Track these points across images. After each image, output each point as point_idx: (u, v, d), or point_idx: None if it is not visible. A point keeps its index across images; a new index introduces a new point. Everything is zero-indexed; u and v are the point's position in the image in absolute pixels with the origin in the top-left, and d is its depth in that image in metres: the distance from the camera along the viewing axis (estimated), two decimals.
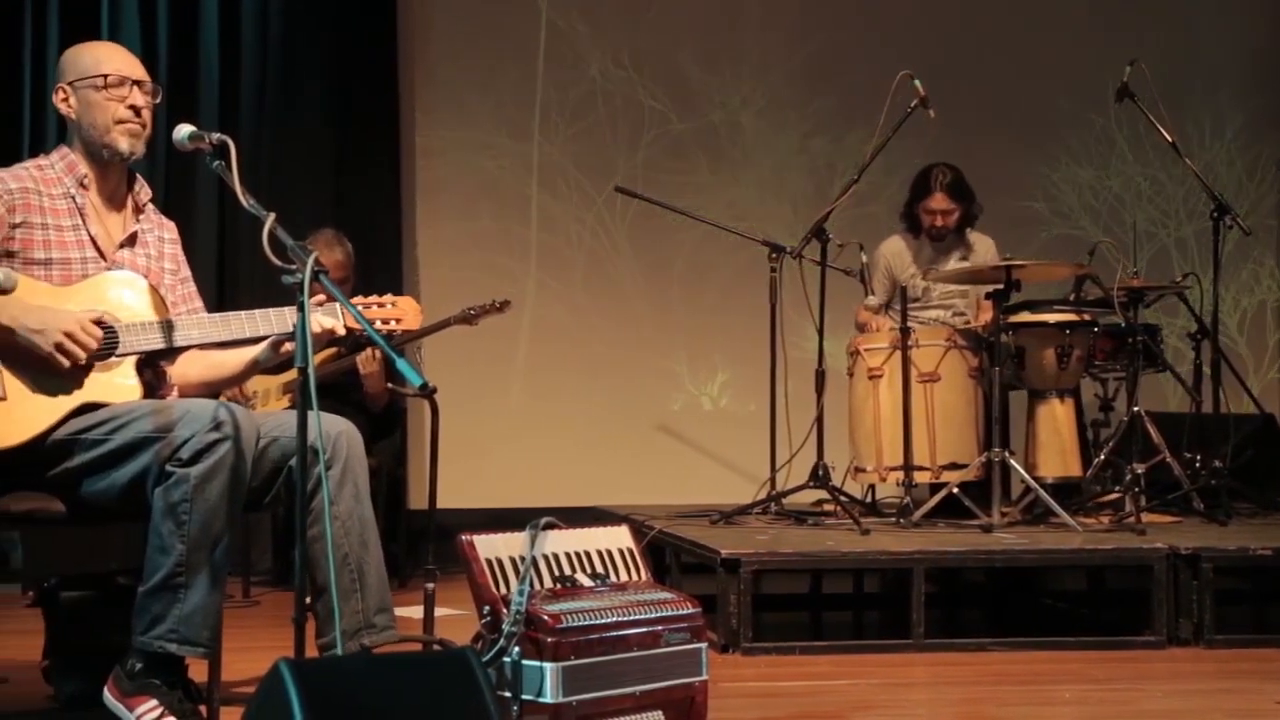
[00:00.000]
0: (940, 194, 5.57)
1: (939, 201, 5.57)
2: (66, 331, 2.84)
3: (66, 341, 2.83)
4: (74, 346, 2.84)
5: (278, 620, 4.68)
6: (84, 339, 2.85)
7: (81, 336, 2.85)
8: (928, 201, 5.59)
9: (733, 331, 6.89)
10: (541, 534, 2.79)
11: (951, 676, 3.76)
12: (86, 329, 2.86)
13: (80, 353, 2.85)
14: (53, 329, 2.83)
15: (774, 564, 4.21)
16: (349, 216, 6.40)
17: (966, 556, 4.32)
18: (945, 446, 5.17)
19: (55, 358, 2.83)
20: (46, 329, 2.83)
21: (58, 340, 2.83)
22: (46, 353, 2.83)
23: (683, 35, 7.00)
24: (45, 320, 2.84)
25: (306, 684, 2.06)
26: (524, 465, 6.64)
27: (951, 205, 5.58)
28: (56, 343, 2.83)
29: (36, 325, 2.83)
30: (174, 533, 2.75)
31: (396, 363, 2.56)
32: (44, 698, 3.26)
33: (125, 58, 3.12)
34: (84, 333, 2.85)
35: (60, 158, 3.10)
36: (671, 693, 2.75)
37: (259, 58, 6.52)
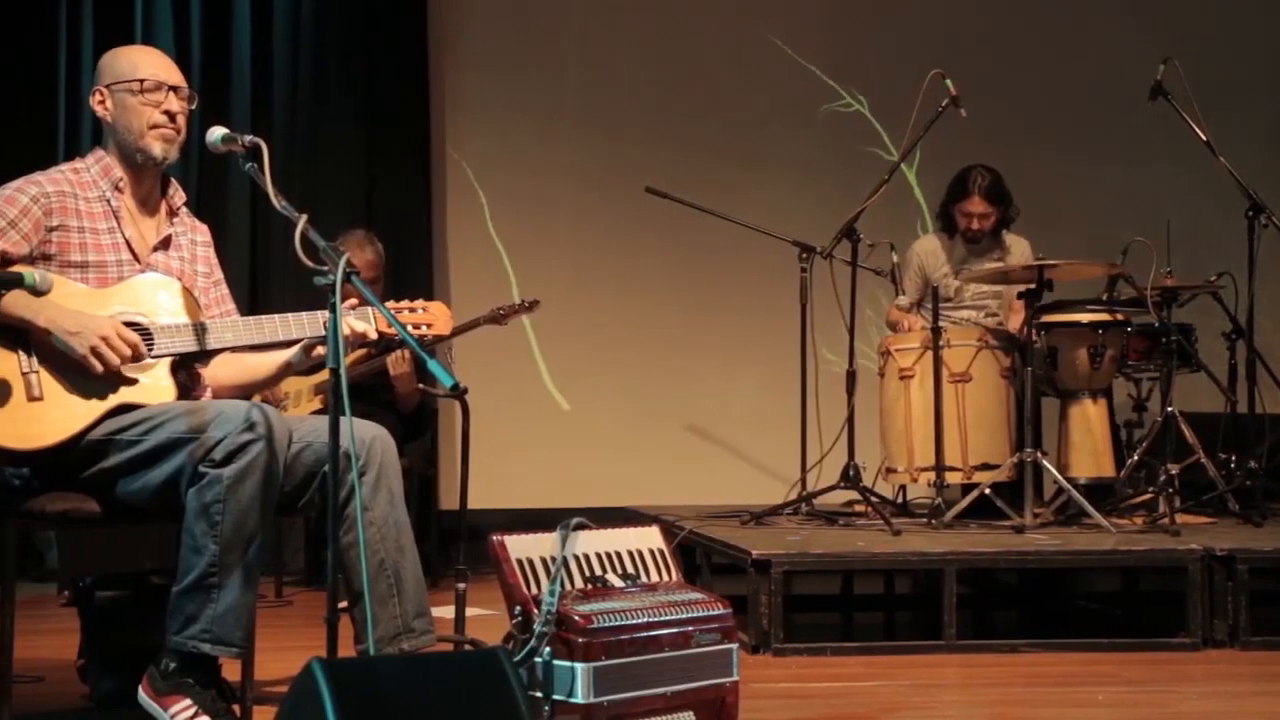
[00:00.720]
0: (978, 197, 5.54)
1: (976, 205, 5.54)
2: (102, 335, 2.86)
3: (101, 345, 2.86)
4: (108, 351, 2.86)
5: (310, 620, 4.71)
6: (118, 345, 2.87)
7: (116, 342, 2.87)
8: (965, 204, 5.56)
9: (763, 332, 6.88)
10: (572, 534, 2.79)
11: (984, 678, 3.74)
12: (122, 334, 2.88)
13: (114, 358, 2.87)
14: (89, 332, 2.86)
15: (805, 565, 4.20)
16: (380, 217, 6.44)
17: (999, 557, 4.30)
18: (977, 447, 5.15)
19: (89, 360, 2.86)
20: (83, 332, 2.86)
21: (93, 344, 2.85)
22: (81, 356, 2.85)
23: (712, 34, 6.99)
24: (82, 324, 2.87)
25: (339, 683, 2.06)
26: (555, 466, 6.65)
27: (989, 209, 5.55)
28: (92, 346, 2.85)
29: (73, 328, 2.86)
30: (207, 533, 2.77)
31: (428, 363, 2.57)
32: (79, 696, 3.28)
33: (162, 63, 3.13)
34: (119, 338, 2.88)
35: (96, 161, 3.12)
36: (702, 693, 2.75)
37: (291, 60, 6.56)
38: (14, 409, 2.83)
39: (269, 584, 5.25)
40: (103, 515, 2.94)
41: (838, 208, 5.58)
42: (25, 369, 2.86)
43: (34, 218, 2.97)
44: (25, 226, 2.96)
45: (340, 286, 2.56)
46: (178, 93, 3.10)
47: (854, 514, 5.22)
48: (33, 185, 3.02)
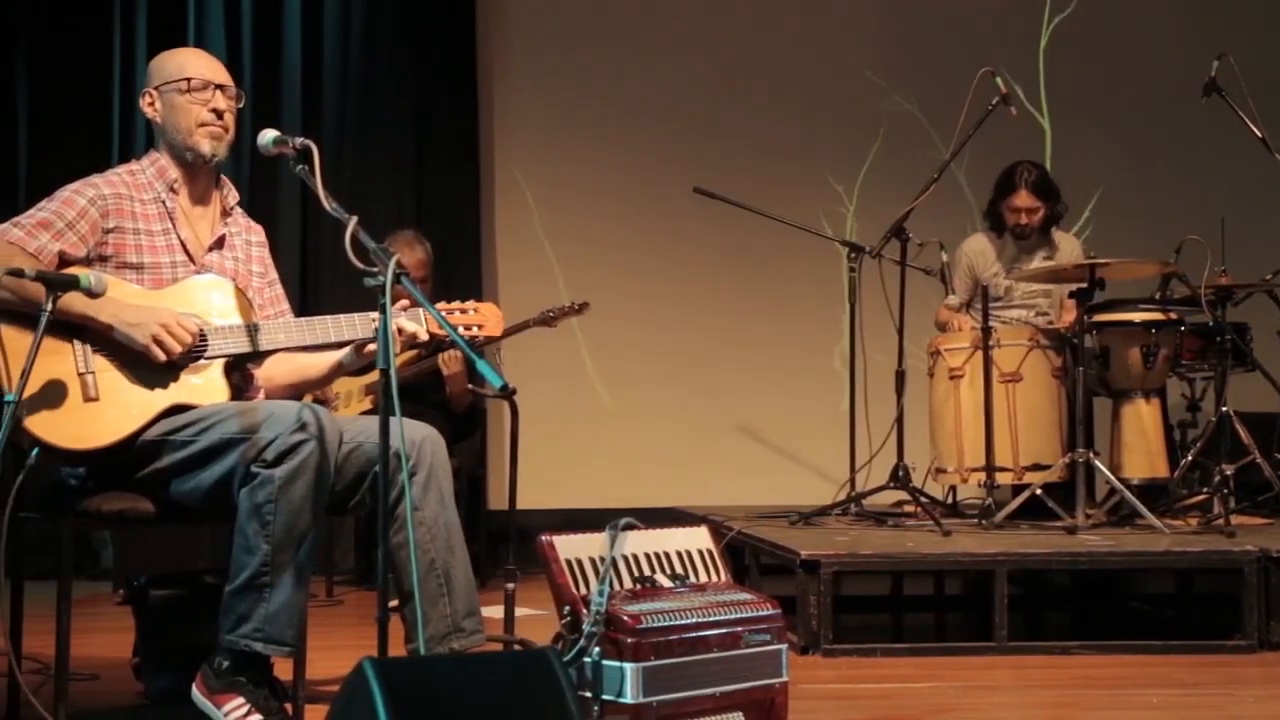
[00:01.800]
0: (1025, 192, 5.50)
1: (1023, 199, 5.50)
2: (162, 324, 2.90)
3: (162, 333, 2.89)
4: (170, 339, 2.90)
5: (361, 619, 4.74)
6: (179, 333, 2.91)
7: (177, 330, 2.91)
8: (1012, 199, 5.52)
9: (811, 332, 6.87)
10: (621, 535, 2.79)
11: (1035, 680, 3.71)
12: (182, 323, 2.92)
13: (175, 346, 2.91)
14: (149, 323, 2.90)
15: (854, 565, 4.18)
16: (429, 218, 6.47)
17: (1050, 558, 4.26)
18: (1028, 447, 5.11)
19: (151, 350, 2.89)
20: (143, 323, 2.90)
21: (154, 333, 2.89)
22: (143, 345, 2.89)
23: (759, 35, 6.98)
24: (142, 315, 2.91)
25: (390, 683, 2.07)
26: (603, 466, 6.65)
27: (1036, 203, 5.51)
28: (153, 335, 2.89)
29: (134, 320, 2.90)
30: (259, 533, 2.79)
31: (477, 364, 2.58)
32: (134, 694, 3.32)
33: (209, 63, 3.16)
34: (179, 327, 2.92)
35: (151, 163, 3.16)
36: (752, 694, 2.74)
37: (340, 62, 6.60)
38: (70, 410, 2.86)
39: (320, 584, 5.29)
40: (157, 515, 2.97)
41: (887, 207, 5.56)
42: (81, 370, 2.90)
43: (91, 220, 3.01)
44: (82, 228, 3.00)
45: (390, 288, 2.58)
46: (224, 91, 3.13)
47: (903, 514, 5.19)
48: (90, 188, 3.06)
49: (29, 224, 2.97)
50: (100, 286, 2.84)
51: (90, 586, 5.49)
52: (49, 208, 3.01)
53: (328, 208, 2.74)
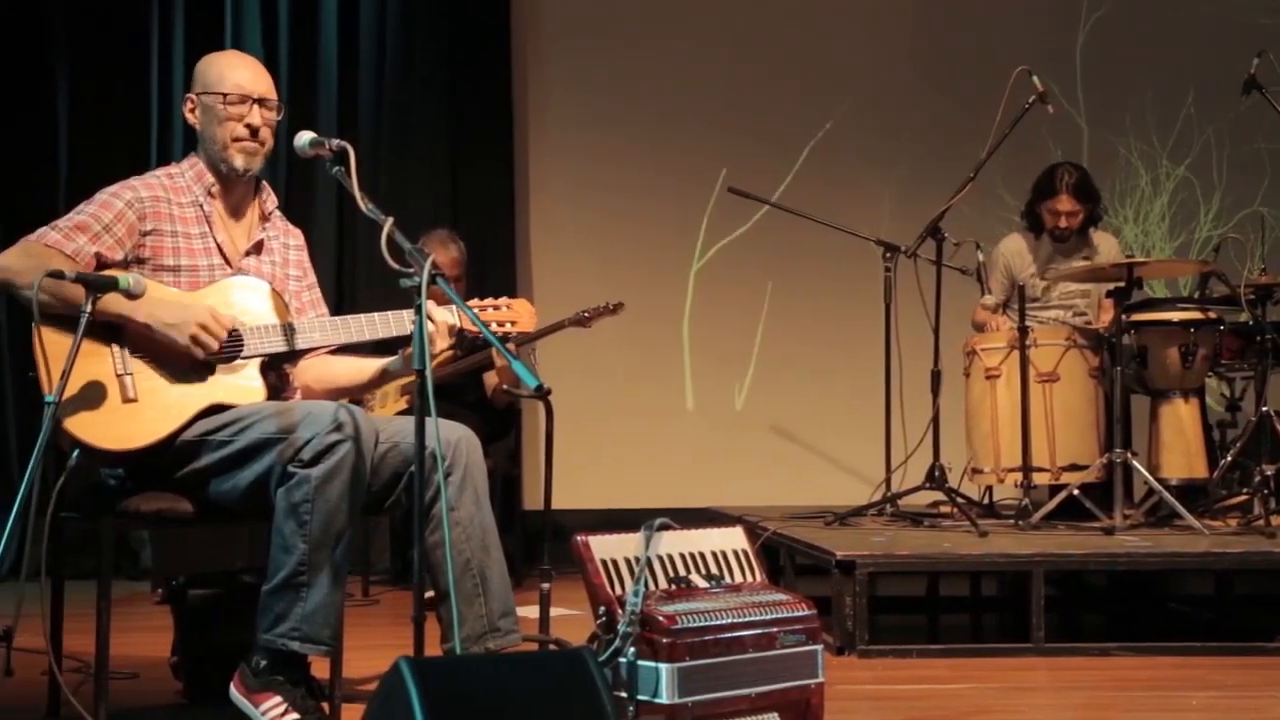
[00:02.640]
0: (1066, 195, 5.45)
1: (1064, 203, 5.46)
2: (200, 322, 2.92)
3: (200, 332, 2.92)
4: (207, 336, 2.93)
5: (397, 619, 4.75)
6: (216, 329, 2.94)
7: (214, 326, 2.94)
8: (1053, 202, 5.48)
9: (847, 332, 6.84)
10: (656, 535, 2.79)
11: (1073, 681, 3.69)
12: (218, 318, 2.95)
13: (213, 342, 2.93)
14: (187, 321, 2.92)
15: (890, 566, 4.17)
16: (464, 217, 6.49)
17: (1088, 559, 4.24)
18: (1065, 447, 5.08)
19: (192, 348, 2.92)
20: (182, 322, 2.92)
21: (193, 332, 2.92)
22: (184, 345, 2.92)
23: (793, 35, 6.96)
24: (179, 314, 2.93)
25: (426, 682, 2.08)
26: (638, 466, 6.66)
27: (1076, 206, 5.47)
28: (192, 334, 2.92)
29: (172, 319, 2.92)
30: (296, 532, 2.81)
31: (513, 364, 2.58)
32: (173, 693, 3.34)
33: (250, 74, 3.16)
34: (215, 322, 2.94)
35: (190, 166, 3.18)
36: (787, 694, 2.74)
37: (376, 63, 6.63)
38: (109, 411, 2.89)
39: (356, 583, 5.31)
40: (195, 515, 2.99)
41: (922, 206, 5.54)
42: (120, 371, 2.92)
43: (128, 222, 3.03)
44: (120, 231, 3.02)
45: (425, 288, 2.58)
46: (263, 105, 3.14)
47: (939, 515, 5.17)
48: (128, 190, 3.08)
49: (67, 227, 2.99)
50: (139, 288, 2.86)
51: (129, 586, 5.54)
52: (87, 210, 3.03)
53: (364, 209, 2.75)
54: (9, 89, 6.12)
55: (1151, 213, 6.97)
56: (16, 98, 6.13)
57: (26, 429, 5.89)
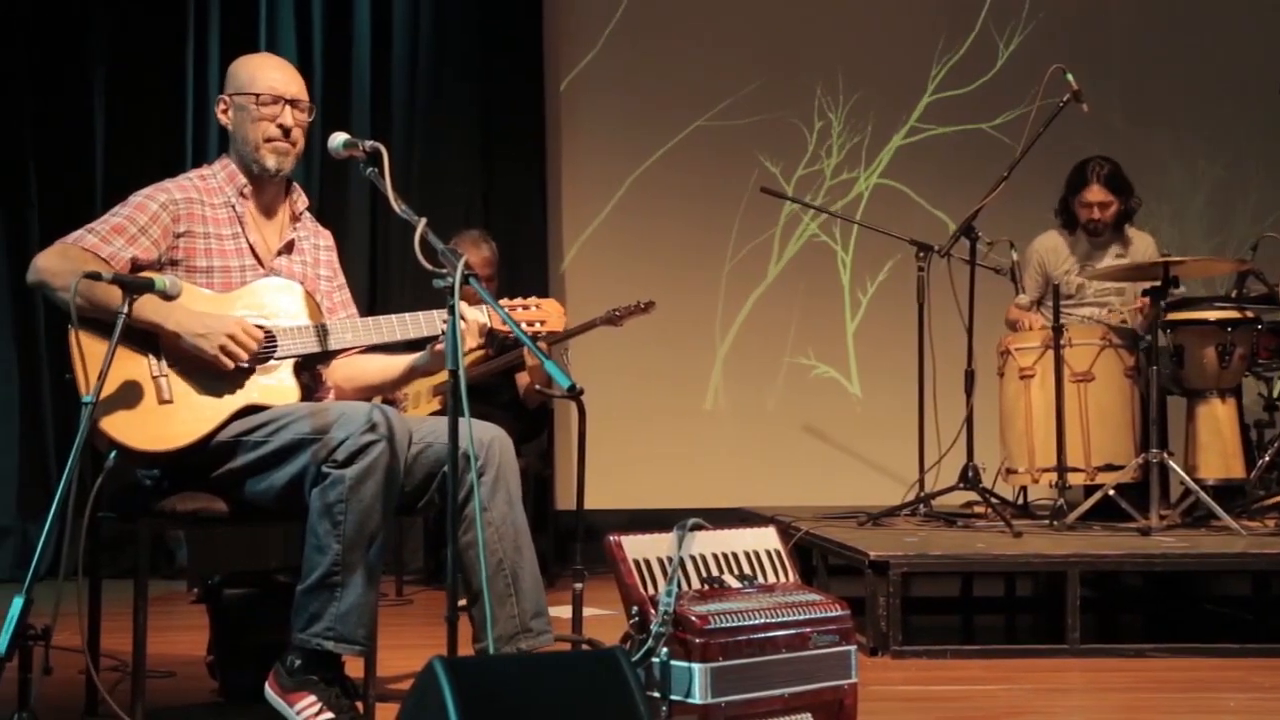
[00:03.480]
0: (1097, 185, 5.42)
1: (1096, 193, 5.43)
2: (229, 334, 2.94)
3: (230, 344, 2.93)
4: (236, 348, 2.94)
5: (430, 619, 4.77)
6: (245, 340, 2.95)
7: (243, 338, 2.95)
8: (1084, 194, 5.45)
9: (879, 331, 6.83)
10: (689, 535, 2.79)
11: (1109, 683, 3.66)
12: (248, 330, 2.96)
13: (243, 354, 2.95)
14: (216, 332, 2.94)
15: (924, 566, 4.15)
16: (496, 217, 6.50)
17: (1124, 560, 4.21)
18: (1100, 447, 5.05)
19: (220, 360, 2.94)
20: (210, 333, 2.94)
21: (221, 343, 2.93)
22: (212, 356, 2.93)
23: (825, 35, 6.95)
24: (209, 325, 2.95)
25: (460, 682, 2.08)
26: (670, 466, 6.65)
27: (1109, 197, 5.43)
28: (220, 345, 2.93)
29: (201, 330, 2.94)
30: (330, 532, 2.82)
31: (545, 364, 2.58)
32: (208, 691, 3.36)
33: (282, 75, 3.18)
34: (245, 334, 2.95)
35: (222, 167, 3.20)
36: (820, 695, 2.73)
37: (409, 64, 6.65)
38: (145, 412, 2.91)
39: (389, 583, 5.33)
40: (230, 515, 3.01)
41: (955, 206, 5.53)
42: (155, 373, 2.94)
43: (163, 224, 3.06)
44: (155, 233, 3.05)
45: (459, 289, 2.59)
46: (295, 106, 3.16)
47: (973, 515, 5.15)
48: (162, 193, 3.10)
49: (103, 230, 3.02)
50: (175, 289, 2.88)
51: (165, 585, 5.57)
52: (122, 213, 3.05)
53: (397, 210, 2.76)
54: (47, 91, 6.17)
55: (1188, 211, 6.91)
56: (54, 99, 6.18)
57: (64, 430, 5.94)
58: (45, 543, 2.60)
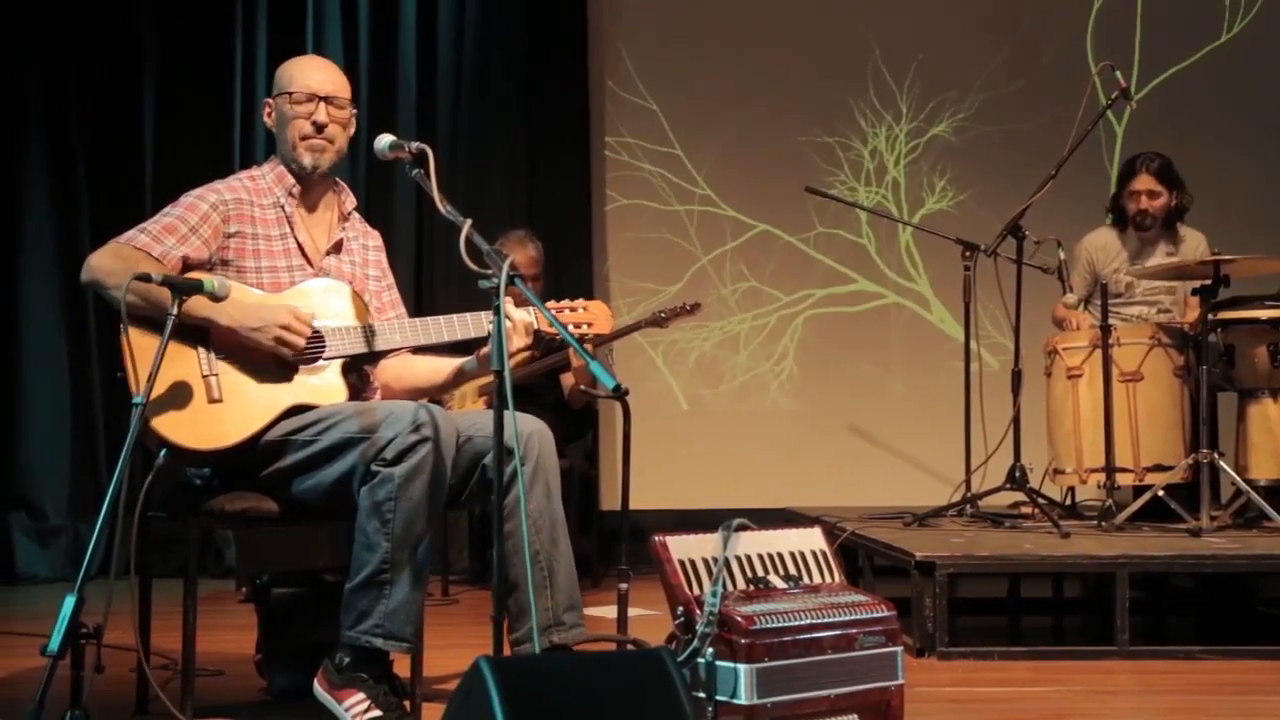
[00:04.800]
0: (1145, 175, 5.37)
1: (1144, 182, 5.37)
2: (283, 324, 2.98)
3: (284, 333, 2.97)
4: (292, 336, 2.98)
5: (476, 618, 4.79)
6: (299, 328, 2.99)
7: (296, 325, 2.99)
8: (1133, 183, 5.40)
9: (925, 330, 6.80)
10: (734, 535, 2.78)
11: (1159, 685, 3.63)
12: (300, 317, 3.00)
13: (298, 340, 2.99)
14: (270, 324, 2.98)
15: (970, 567, 4.13)
16: (541, 217, 6.51)
17: (1174, 561, 4.17)
18: (1150, 448, 5.00)
19: (277, 349, 2.97)
20: (265, 324, 2.98)
21: (276, 333, 2.97)
22: (270, 346, 2.97)
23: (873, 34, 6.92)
24: (263, 316, 2.99)
25: (506, 682, 2.09)
26: (715, 466, 6.65)
27: (1158, 187, 5.38)
28: (276, 335, 2.97)
29: (256, 323, 2.98)
30: (379, 530, 2.84)
31: (590, 364, 2.58)
32: (257, 690, 3.38)
33: (320, 75, 3.21)
34: (298, 322, 2.99)
35: (271, 168, 3.23)
36: (867, 696, 2.72)
37: (454, 64, 6.67)
38: (196, 411, 2.94)
39: (435, 582, 5.35)
40: (279, 514, 3.03)
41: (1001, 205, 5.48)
42: (205, 372, 2.97)
43: (213, 224, 3.09)
44: (205, 233, 3.08)
45: (504, 290, 2.60)
46: (331, 103, 3.18)
47: (1020, 516, 5.11)
48: (212, 193, 3.14)
49: (155, 229, 3.05)
50: (223, 290, 2.91)
51: (214, 584, 5.61)
52: (174, 213, 3.09)
53: (443, 211, 2.77)
54: (98, 92, 6.24)
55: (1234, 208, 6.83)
56: (106, 100, 6.24)
57: (115, 430, 6.00)
58: (96, 542, 2.63)
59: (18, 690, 3.46)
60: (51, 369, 6.13)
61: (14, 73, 6.15)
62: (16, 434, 6.08)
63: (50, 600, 3.30)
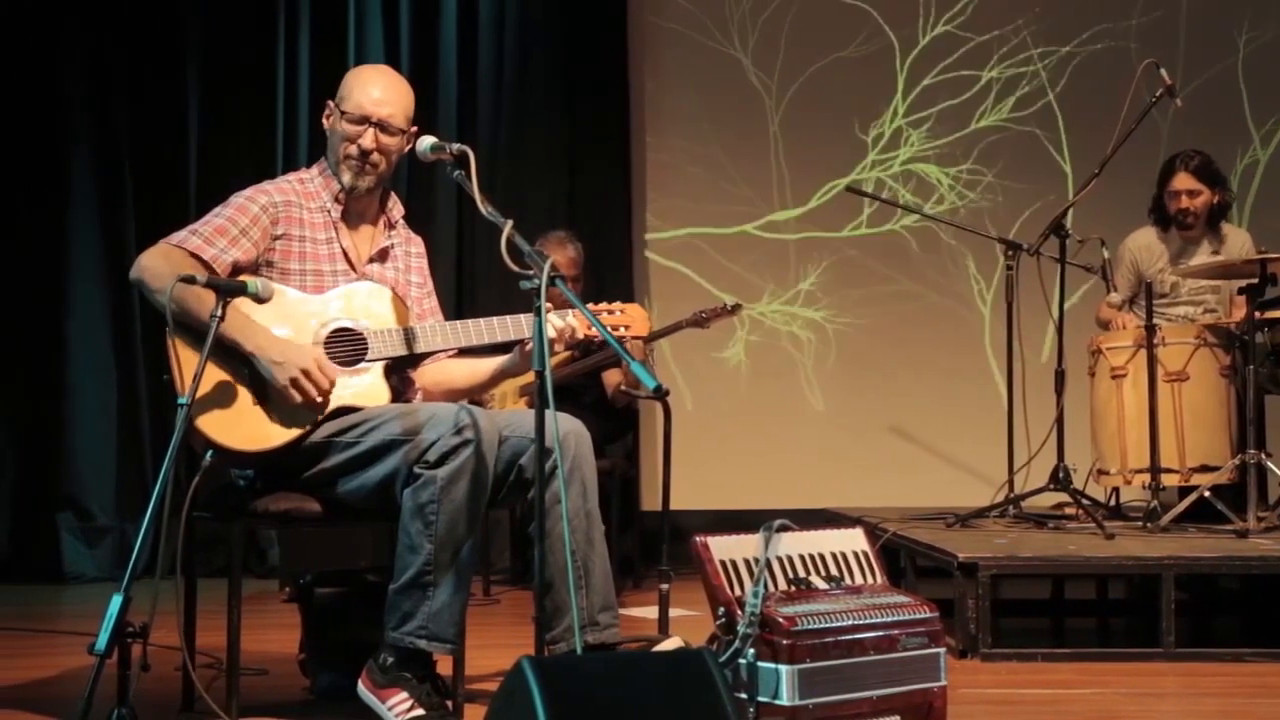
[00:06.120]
0: (1185, 173, 5.32)
1: (1184, 180, 5.32)
2: (303, 369, 2.95)
3: (302, 379, 2.95)
4: (308, 385, 2.95)
5: (517, 619, 4.79)
6: (319, 379, 2.96)
7: (316, 376, 2.96)
8: (1173, 182, 5.35)
9: (966, 330, 6.76)
10: (775, 536, 2.78)
11: (1205, 688, 3.60)
12: (323, 368, 2.97)
13: (312, 391, 2.95)
14: (291, 364, 2.95)
15: (1014, 568, 4.10)
16: (581, 218, 6.51)
17: (1220, 563, 4.13)
18: (1195, 448, 4.95)
19: (288, 392, 2.95)
20: (286, 363, 2.95)
21: (293, 375, 2.95)
22: (281, 386, 2.95)
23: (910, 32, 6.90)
24: (287, 354, 2.96)
25: (549, 682, 2.10)
26: (756, 467, 6.63)
27: (1198, 185, 5.33)
28: (292, 377, 2.95)
29: (278, 358, 2.96)
30: (422, 532, 2.85)
31: (631, 365, 2.59)
32: (301, 689, 3.40)
33: (379, 94, 3.18)
34: (319, 373, 2.96)
35: (319, 172, 3.25)
36: (910, 698, 2.71)
37: (495, 66, 6.69)
38: (240, 412, 2.96)
39: (477, 583, 5.34)
40: (322, 515, 3.05)
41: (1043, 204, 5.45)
42: (250, 374, 2.99)
43: (263, 226, 3.11)
44: (255, 235, 3.10)
45: (544, 291, 2.61)
46: (383, 129, 3.16)
47: (1064, 517, 5.07)
48: (262, 195, 3.15)
49: (206, 231, 3.07)
50: (266, 292, 2.93)
51: (258, 584, 5.64)
52: (224, 214, 3.11)
53: (484, 212, 2.78)
54: (142, 93, 6.28)
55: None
56: (150, 102, 6.28)
57: (161, 431, 6.04)
58: (143, 542, 2.65)
59: (66, 688, 3.50)
60: (98, 371, 6.18)
61: (59, 74, 6.21)
62: (64, 435, 6.13)
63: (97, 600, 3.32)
